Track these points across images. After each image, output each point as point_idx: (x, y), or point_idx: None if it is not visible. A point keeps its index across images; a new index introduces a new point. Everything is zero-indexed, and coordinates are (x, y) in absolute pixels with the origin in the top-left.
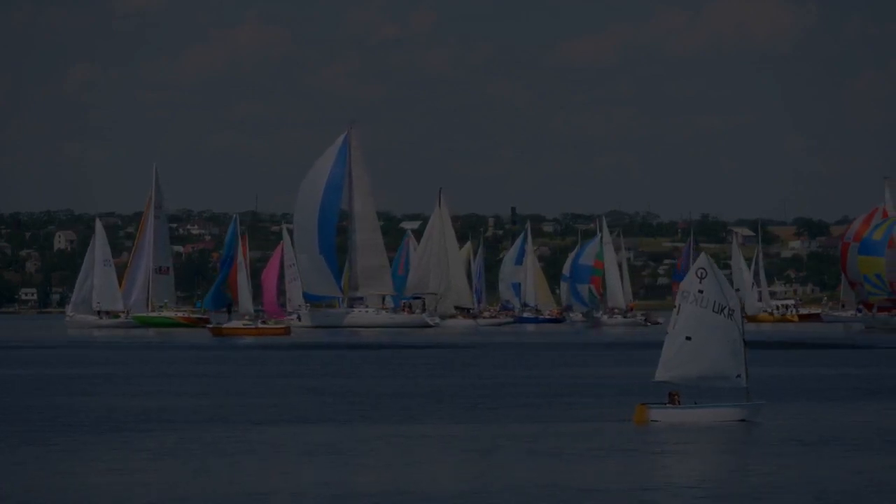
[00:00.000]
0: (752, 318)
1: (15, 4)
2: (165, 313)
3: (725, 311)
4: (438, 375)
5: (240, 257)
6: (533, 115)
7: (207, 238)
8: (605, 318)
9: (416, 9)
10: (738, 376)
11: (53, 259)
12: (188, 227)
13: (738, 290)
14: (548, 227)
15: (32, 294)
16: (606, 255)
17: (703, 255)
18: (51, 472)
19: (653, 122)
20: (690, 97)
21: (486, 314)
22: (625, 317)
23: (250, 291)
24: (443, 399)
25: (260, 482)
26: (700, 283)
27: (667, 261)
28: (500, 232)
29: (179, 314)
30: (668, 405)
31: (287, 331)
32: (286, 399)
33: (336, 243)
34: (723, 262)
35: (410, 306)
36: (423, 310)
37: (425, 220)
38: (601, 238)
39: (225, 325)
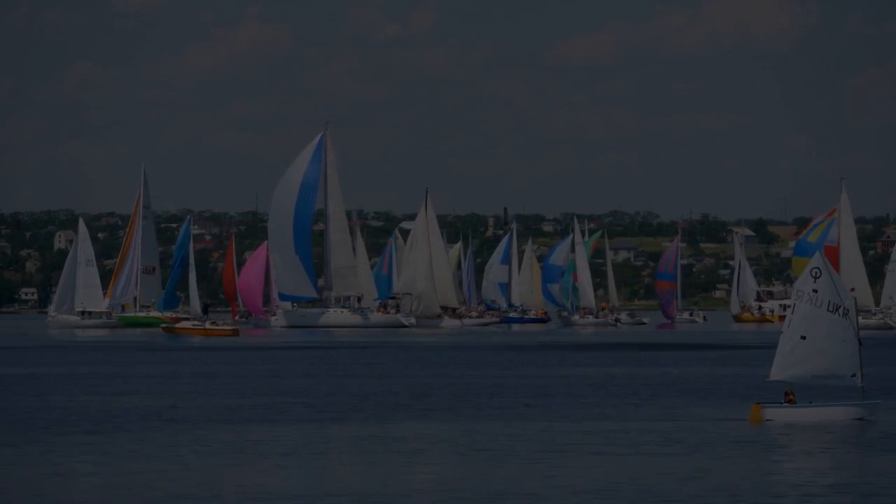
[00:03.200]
0: (736, 318)
1: (14, 4)
2: (153, 313)
3: (840, 310)
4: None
5: (191, 257)
6: (533, 115)
7: (207, 238)
8: (577, 318)
9: (416, 8)
10: (854, 375)
11: (53, 259)
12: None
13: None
14: (548, 227)
15: (32, 294)
16: (578, 257)
17: (817, 254)
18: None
19: (653, 121)
20: (690, 96)
21: (474, 314)
22: (596, 317)
23: (235, 291)
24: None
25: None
26: (814, 282)
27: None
28: (500, 232)
29: (167, 314)
30: (783, 404)
31: (235, 332)
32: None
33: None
34: (723, 262)
35: (386, 306)
36: (398, 310)
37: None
38: (573, 239)
39: (176, 326)
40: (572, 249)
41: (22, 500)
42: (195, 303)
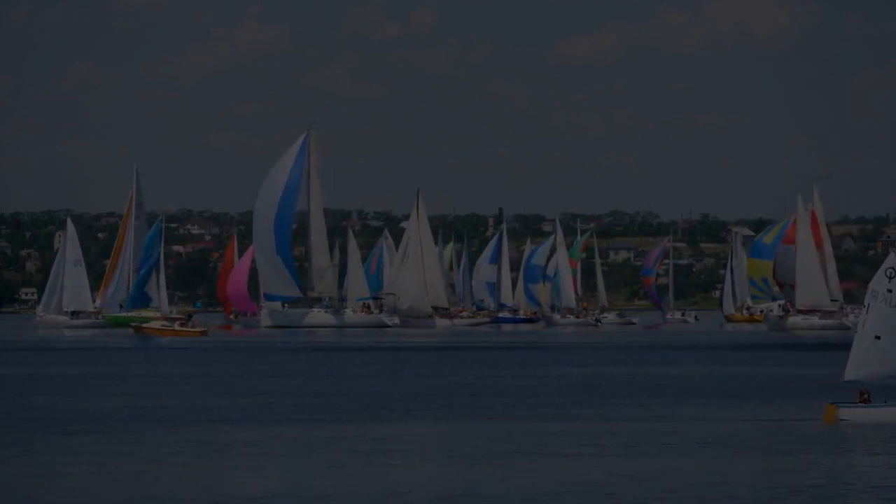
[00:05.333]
0: (729, 318)
1: (14, 4)
2: (144, 313)
3: None
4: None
5: (160, 257)
6: (533, 115)
7: (207, 238)
8: (558, 317)
9: (416, 8)
10: None
11: (53, 259)
12: (188, 227)
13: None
14: (547, 227)
15: (32, 294)
16: (560, 257)
17: (892, 254)
18: None
19: (653, 121)
20: (690, 96)
21: (465, 314)
22: (577, 317)
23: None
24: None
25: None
26: (889, 282)
27: (666, 261)
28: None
29: (158, 314)
30: (858, 404)
31: (204, 332)
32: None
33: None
34: (722, 262)
35: (369, 306)
36: (381, 310)
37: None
38: (555, 238)
39: (145, 326)
40: (574, 251)
41: (7, 501)
42: (164, 303)
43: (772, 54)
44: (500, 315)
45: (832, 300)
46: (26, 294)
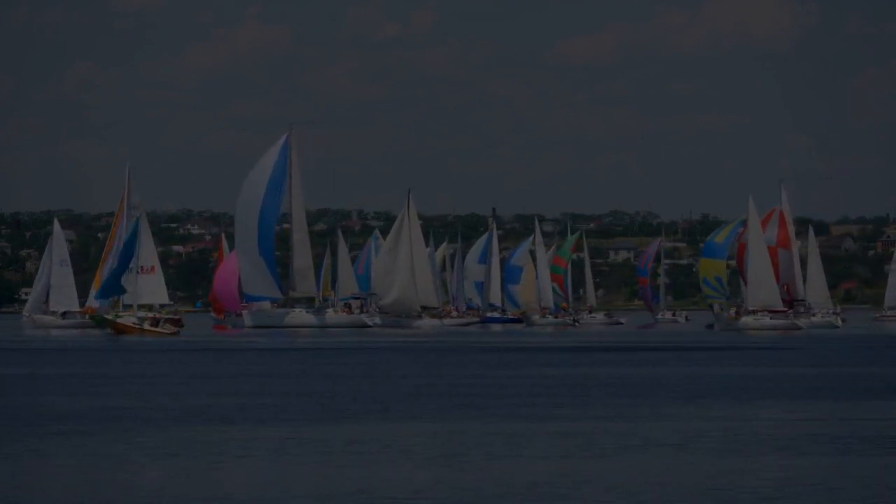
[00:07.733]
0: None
1: (14, 4)
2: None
3: None
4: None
5: (136, 257)
6: (533, 115)
7: (207, 238)
8: (536, 317)
9: (416, 8)
10: None
11: None
12: (188, 227)
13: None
14: (547, 227)
15: None
16: (538, 257)
17: None
18: None
19: (653, 121)
20: (690, 96)
21: (454, 314)
22: (556, 317)
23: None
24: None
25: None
26: None
27: (667, 261)
28: (501, 232)
29: (150, 314)
30: None
31: (176, 332)
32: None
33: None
34: None
35: (350, 306)
36: (362, 310)
37: (425, 221)
38: (533, 239)
39: (120, 323)
40: (564, 250)
41: None
42: (137, 301)
43: (772, 54)
44: (489, 315)
45: (798, 300)
46: (26, 294)
